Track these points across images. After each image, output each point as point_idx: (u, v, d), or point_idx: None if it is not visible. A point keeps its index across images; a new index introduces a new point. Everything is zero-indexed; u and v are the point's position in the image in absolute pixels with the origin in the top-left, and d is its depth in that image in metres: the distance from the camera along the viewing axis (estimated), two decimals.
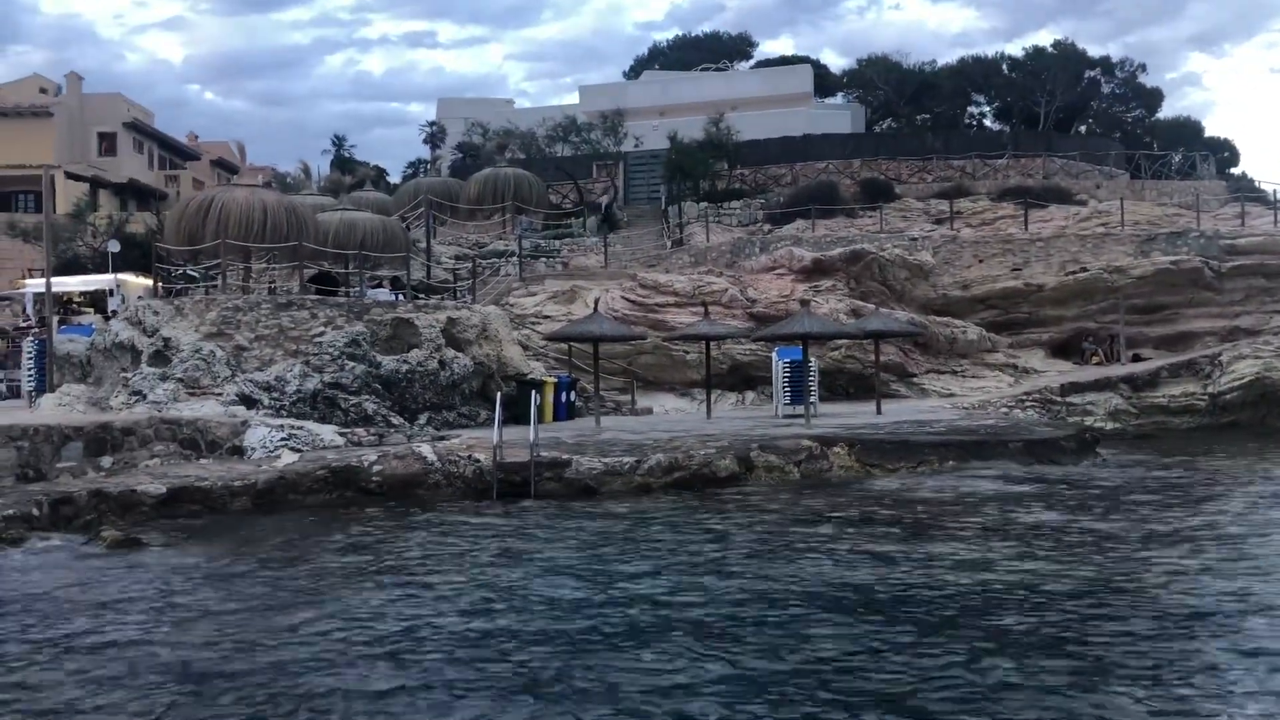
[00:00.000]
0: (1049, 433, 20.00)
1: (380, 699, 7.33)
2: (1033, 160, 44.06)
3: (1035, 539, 12.35)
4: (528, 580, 10.78)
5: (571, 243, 37.05)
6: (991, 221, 36.11)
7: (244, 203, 23.37)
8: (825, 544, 12.20)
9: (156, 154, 61.10)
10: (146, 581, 10.78)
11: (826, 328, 23.33)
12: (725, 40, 67.52)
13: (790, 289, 28.68)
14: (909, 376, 28.55)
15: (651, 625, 9.03)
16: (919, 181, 42.69)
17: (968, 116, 56.99)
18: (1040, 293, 30.72)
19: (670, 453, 17.20)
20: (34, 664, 8.16)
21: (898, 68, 55.03)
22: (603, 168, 46.08)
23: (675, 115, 48.23)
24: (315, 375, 20.30)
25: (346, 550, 12.41)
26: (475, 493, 16.22)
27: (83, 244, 41.72)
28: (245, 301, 21.84)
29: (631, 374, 27.18)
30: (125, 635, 8.90)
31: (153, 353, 20.93)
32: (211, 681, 7.72)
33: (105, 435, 16.22)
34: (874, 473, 17.44)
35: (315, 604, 9.87)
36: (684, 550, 12.08)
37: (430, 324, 22.48)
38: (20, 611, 9.64)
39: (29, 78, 60.34)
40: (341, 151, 56.17)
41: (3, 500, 13.02)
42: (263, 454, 17.16)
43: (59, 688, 7.60)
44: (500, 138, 45.70)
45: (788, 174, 44.09)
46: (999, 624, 8.88)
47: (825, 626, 8.88)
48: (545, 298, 29.74)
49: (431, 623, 9.20)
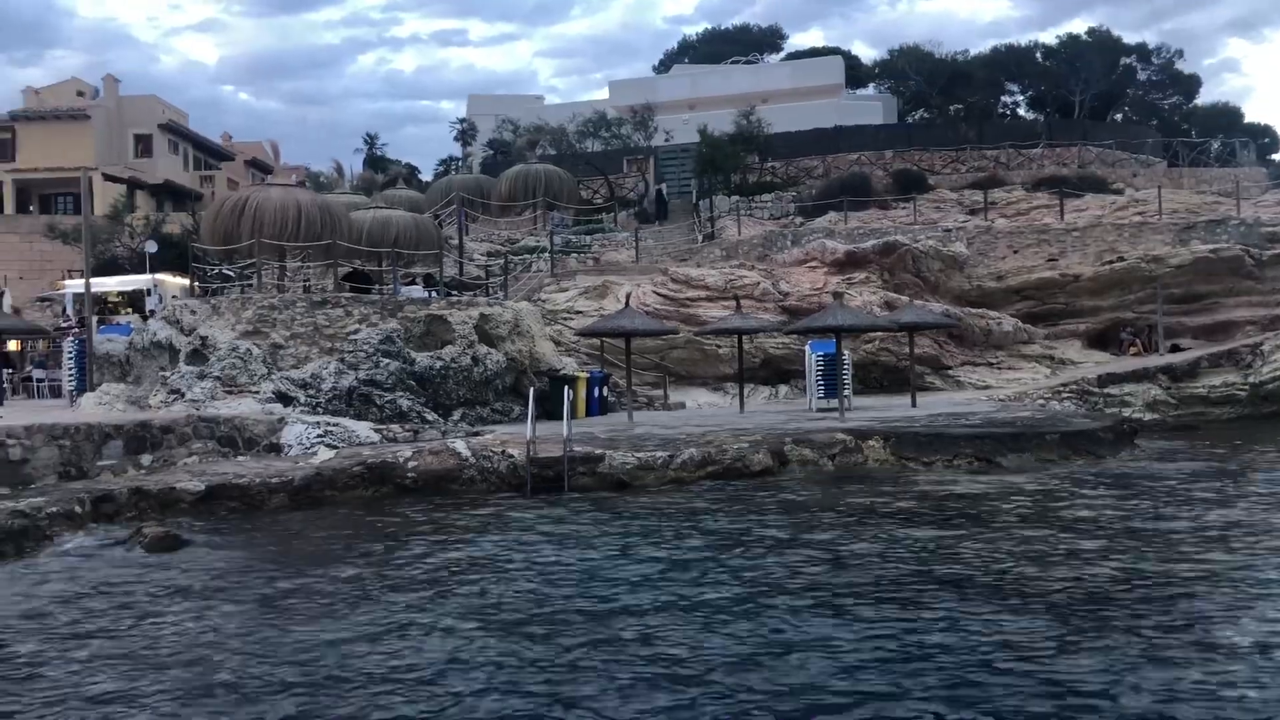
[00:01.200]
0: (1086, 424, 19.77)
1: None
2: (1068, 149, 43.58)
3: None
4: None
5: (603, 238, 37.09)
6: (1026, 212, 35.76)
7: (278, 202, 23.55)
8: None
9: (192, 155, 61.68)
10: (211, 577, 10.90)
11: (860, 320, 23.19)
12: (755, 33, 67.34)
13: (823, 282, 28.56)
14: (944, 369, 28.35)
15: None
16: (952, 172, 42.35)
17: (1001, 106, 56.52)
18: (1076, 283, 30.40)
19: (703, 447, 17.18)
20: (81, 661, 8.24)
21: (930, 58, 54.63)
22: (633, 162, 46.07)
23: (705, 109, 48.10)
24: (350, 372, 20.45)
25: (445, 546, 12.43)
26: (509, 488, 16.27)
27: (120, 245, 42.18)
28: (281, 300, 22.03)
29: (664, 368, 27.17)
30: (194, 631, 8.99)
31: (190, 351, 21.16)
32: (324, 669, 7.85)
33: (145, 433, 16.40)
34: (909, 466, 17.32)
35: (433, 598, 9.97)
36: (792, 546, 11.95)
37: (463, 320, 22.57)
38: (68, 607, 9.76)
39: (67, 81, 61.08)
40: (374, 150, 56.52)
41: (46, 498, 13.19)
42: (299, 451, 17.31)
43: (97, 683, 7.69)
44: (531, 134, 45.78)
45: (819, 166, 43.87)
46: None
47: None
48: (577, 293, 29.78)
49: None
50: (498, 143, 50.45)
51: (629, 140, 45.12)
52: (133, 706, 7.20)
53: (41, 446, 14.58)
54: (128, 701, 7.28)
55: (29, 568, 11.42)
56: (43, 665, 8.09)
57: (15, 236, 49.89)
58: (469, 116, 56.92)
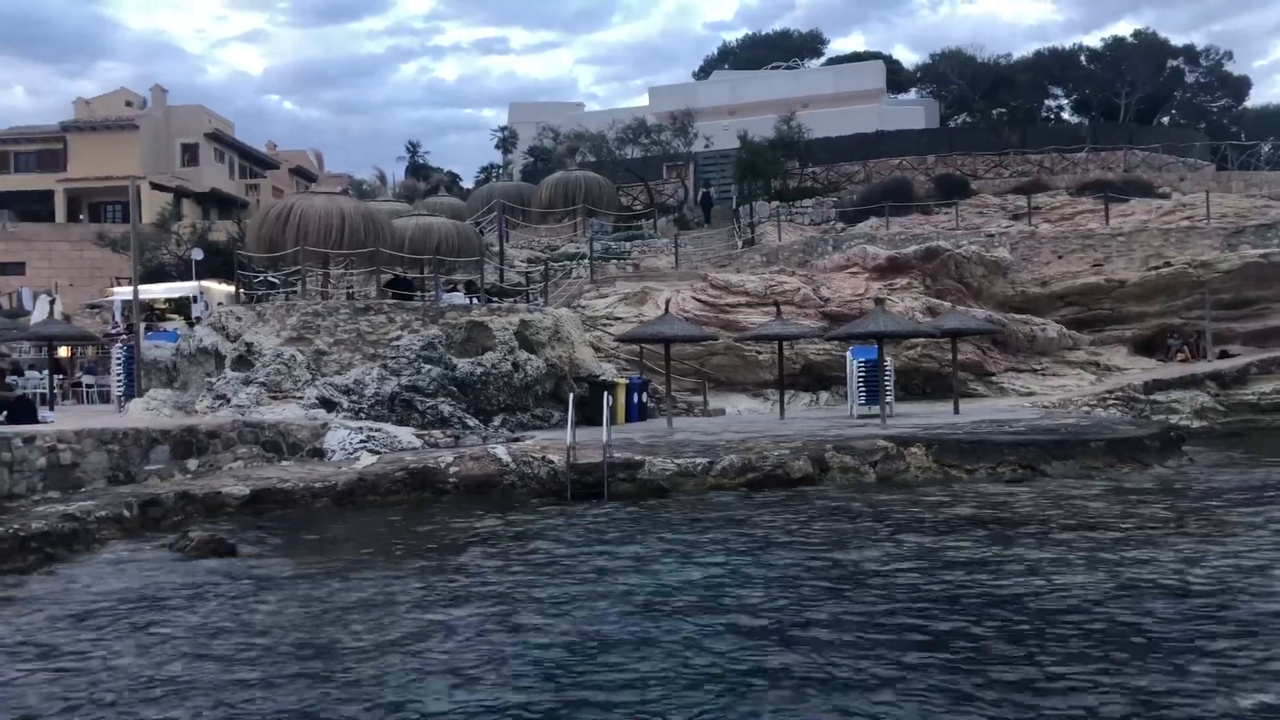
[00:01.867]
0: (1132, 431, 19.49)
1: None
2: (1113, 153, 43.08)
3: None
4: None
5: (642, 244, 37.13)
6: (1070, 216, 35.36)
7: (322, 210, 23.81)
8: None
9: (237, 163, 62.55)
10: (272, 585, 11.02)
11: (902, 326, 23.03)
12: (795, 38, 67.24)
13: (864, 288, 28.40)
14: (987, 375, 28.09)
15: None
16: (995, 177, 41.99)
17: (1045, 110, 56.00)
18: (1122, 288, 30.01)
19: (743, 454, 17.12)
20: (146, 664, 8.35)
21: (972, 62, 54.25)
22: (673, 169, 46.12)
23: (745, 114, 48.09)
24: (393, 378, 20.61)
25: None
26: (549, 494, 16.31)
27: (167, 252, 42.85)
28: (324, 307, 22.26)
29: (703, 375, 27.13)
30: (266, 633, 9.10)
31: (236, 358, 21.43)
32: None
33: (191, 438, 16.62)
34: (952, 474, 17.17)
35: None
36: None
37: (504, 327, 22.69)
38: (126, 610, 9.90)
39: (116, 92, 62.21)
40: (416, 158, 56.99)
41: (95, 502, 13.40)
42: (342, 456, 17.47)
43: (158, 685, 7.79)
44: (571, 141, 46.00)
45: (860, 171, 43.69)
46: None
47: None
48: (616, 299, 29.83)
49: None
50: (538, 150, 50.71)
51: (669, 146, 45.18)
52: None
53: (91, 451, 14.80)
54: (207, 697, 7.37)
55: (78, 570, 11.59)
56: (97, 663, 8.20)
57: (66, 244, 50.90)
58: (510, 124, 57.25)
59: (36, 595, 10.47)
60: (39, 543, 11.85)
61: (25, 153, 57.57)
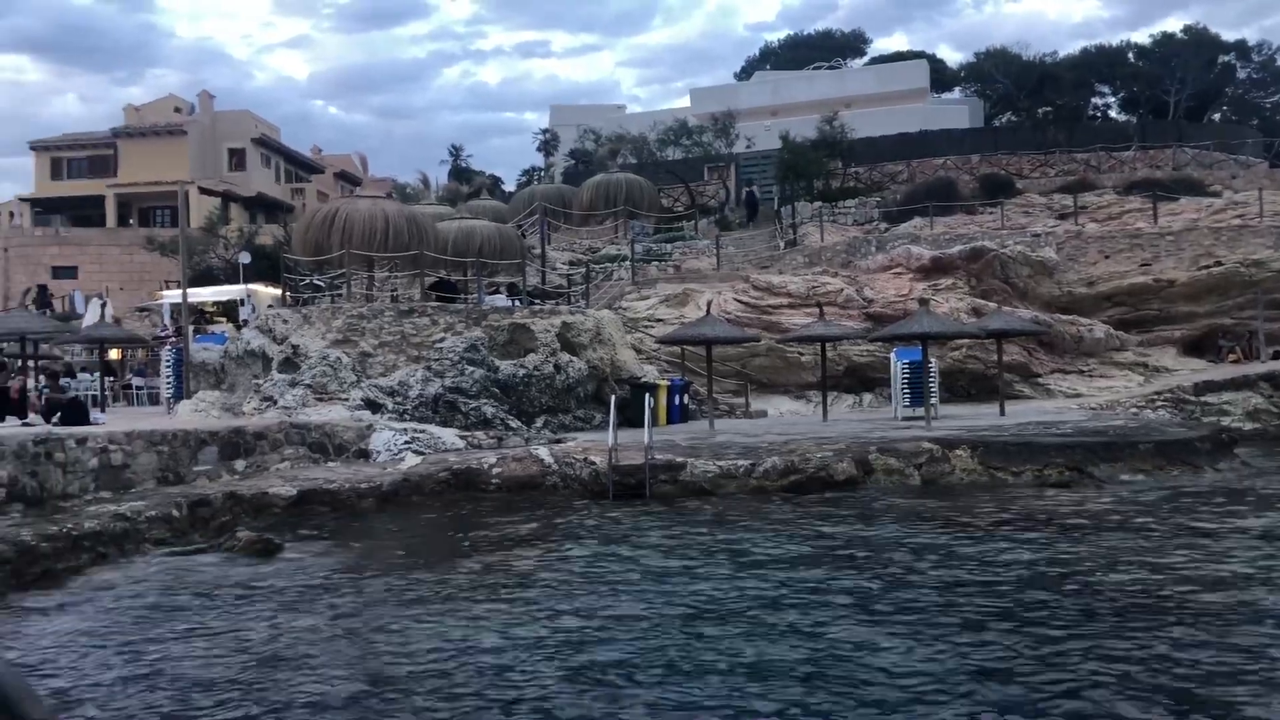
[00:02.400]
0: (1182, 433, 19.18)
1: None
2: (1162, 151, 42.41)
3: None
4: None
5: (683, 246, 37.11)
6: (1118, 216, 34.87)
7: (367, 213, 24.03)
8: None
9: (283, 168, 63.31)
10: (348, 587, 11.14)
11: (947, 327, 22.82)
12: (838, 38, 66.90)
13: (908, 288, 28.18)
14: (1033, 377, 27.77)
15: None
16: (1041, 176, 41.51)
17: (1091, 108, 55.28)
18: (1171, 288, 29.54)
19: (786, 455, 17.05)
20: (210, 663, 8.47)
21: (1017, 60, 53.66)
22: (714, 170, 46.05)
23: (787, 115, 47.90)
24: (436, 380, 20.75)
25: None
26: (591, 495, 16.34)
27: (215, 256, 43.46)
28: (369, 309, 22.47)
29: (745, 376, 27.06)
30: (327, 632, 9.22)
31: (282, 360, 21.68)
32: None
33: (239, 439, 16.83)
34: (998, 476, 16.99)
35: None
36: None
37: (545, 329, 22.77)
38: (172, 606, 10.05)
39: (165, 98, 63.20)
40: (458, 161, 57.43)
41: (145, 502, 13.61)
42: (387, 457, 17.61)
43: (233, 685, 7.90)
44: (612, 143, 46.04)
45: (904, 171, 43.38)
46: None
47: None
48: (658, 301, 29.83)
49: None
50: (579, 152, 50.84)
51: (710, 148, 45.12)
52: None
53: (141, 452, 15.03)
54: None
55: (130, 570, 11.77)
56: (145, 661, 8.33)
57: (117, 249, 51.78)
58: (551, 127, 57.47)
59: (96, 589, 10.66)
60: (91, 542, 12.06)
61: (77, 159, 58.65)
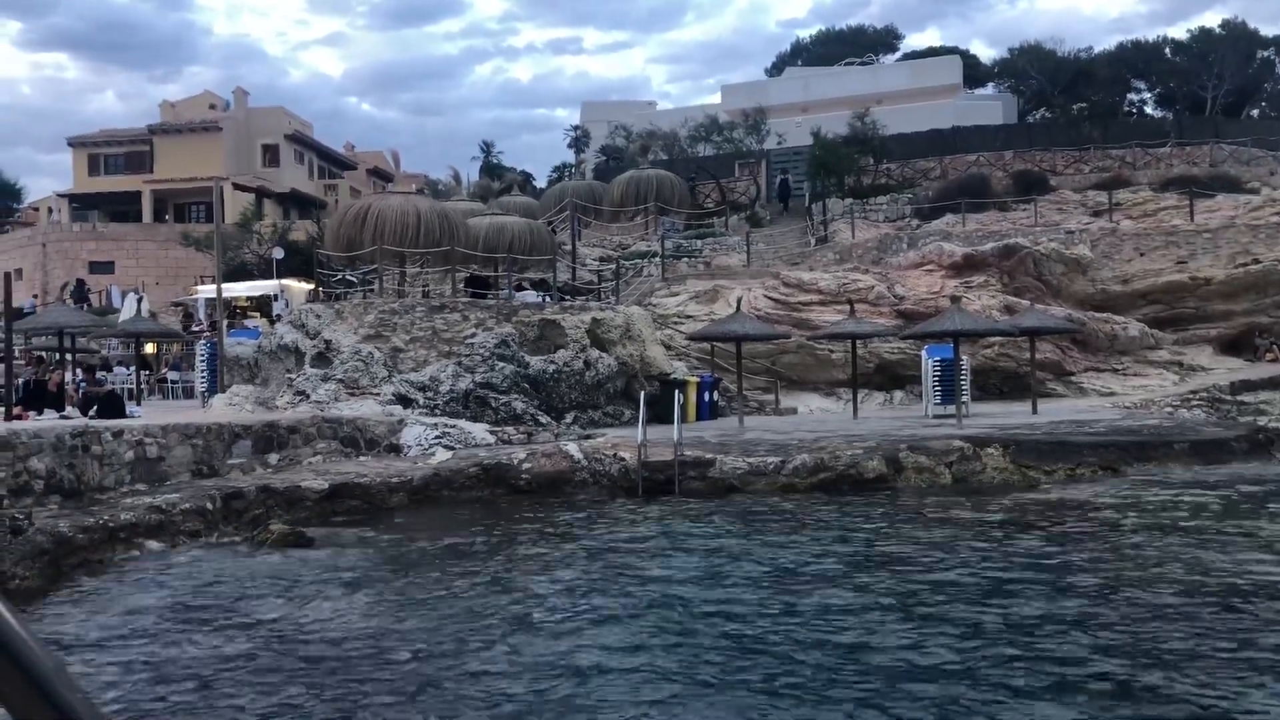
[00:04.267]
0: (1218, 433, 18.98)
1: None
2: (1198, 148, 41.83)
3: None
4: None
5: (714, 242, 37.06)
6: (1153, 213, 34.47)
7: (399, 209, 24.18)
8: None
9: (316, 164, 63.70)
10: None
11: (978, 325, 22.68)
12: (870, 34, 66.46)
13: (939, 285, 28.02)
14: (1066, 375, 27.54)
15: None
16: (1075, 173, 41.09)
17: (1127, 104, 54.64)
18: (1208, 286, 29.19)
19: (816, 453, 17.00)
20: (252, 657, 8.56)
21: (1051, 56, 53.14)
22: (744, 166, 45.94)
23: (819, 111, 47.67)
24: (467, 375, 20.85)
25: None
26: (620, 491, 16.37)
27: (249, 252, 43.83)
28: (401, 305, 22.62)
29: (775, 373, 27.00)
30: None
31: (315, 354, 21.87)
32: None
33: (272, 433, 16.99)
34: (1030, 475, 16.87)
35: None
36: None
37: (576, 325, 22.83)
38: (208, 599, 10.18)
39: (200, 94, 63.75)
40: (490, 157, 57.60)
41: (180, 494, 13.77)
42: (418, 451, 17.72)
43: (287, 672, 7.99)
44: (643, 139, 46.01)
45: (936, 168, 43.06)
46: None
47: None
48: (688, 297, 29.82)
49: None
50: (610, 148, 50.85)
51: (740, 144, 44.99)
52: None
53: (176, 445, 15.21)
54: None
55: (164, 560, 11.93)
56: (180, 655, 8.45)
57: (153, 244, 52.33)
58: (582, 123, 57.49)
59: (133, 579, 10.81)
60: (127, 533, 12.23)
61: (114, 155, 59.29)
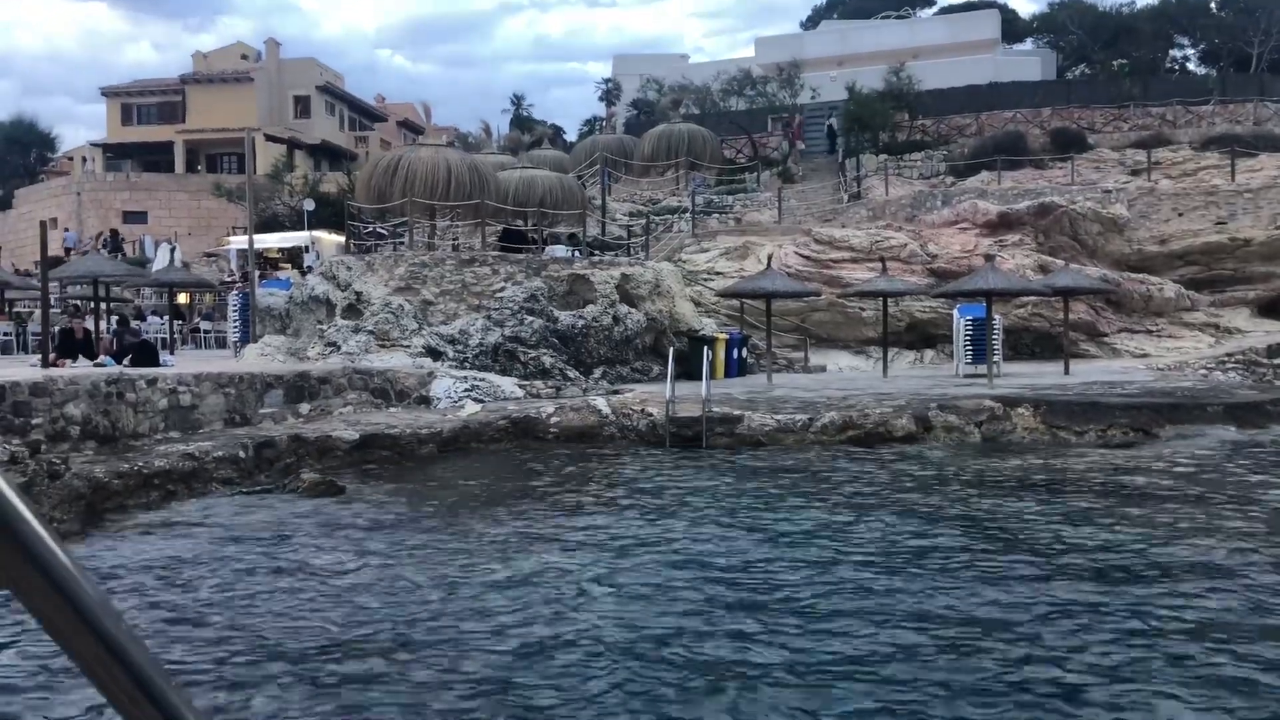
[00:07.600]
0: (1254, 396, 18.74)
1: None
2: (1242, 105, 41.01)
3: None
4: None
5: (745, 198, 36.81)
6: (1193, 172, 33.87)
7: (429, 162, 24.14)
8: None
9: (347, 115, 63.70)
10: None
11: (1012, 284, 22.44)
12: None
13: (973, 244, 27.73)
14: (1099, 336, 27.26)
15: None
16: (1114, 131, 40.43)
17: (1169, 61, 53.59)
18: (1247, 247, 28.72)
19: (844, 411, 16.96)
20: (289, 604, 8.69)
21: (1092, 10, 52.17)
22: (777, 121, 45.51)
23: (854, 65, 47.13)
24: (496, 329, 20.91)
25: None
26: (647, 445, 16.41)
27: (280, 203, 44.00)
28: (431, 258, 22.64)
29: (805, 331, 26.89)
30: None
31: (345, 306, 21.97)
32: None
33: (303, 383, 17.13)
34: (1060, 435, 16.76)
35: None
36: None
37: (605, 280, 22.79)
38: (242, 545, 10.32)
39: (232, 45, 63.75)
40: (520, 111, 57.38)
41: (213, 443, 13.94)
42: (448, 404, 17.83)
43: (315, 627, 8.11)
44: (675, 94, 45.65)
45: (972, 124, 42.48)
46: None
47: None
48: (718, 254, 29.67)
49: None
50: (641, 102, 50.50)
51: (774, 99, 44.53)
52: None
53: (209, 394, 15.37)
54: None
55: (198, 506, 12.10)
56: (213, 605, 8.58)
57: (185, 194, 52.65)
58: (614, 76, 57.10)
59: (168, 524, 10.98)
60: (161, 480, 12.40)
61: (147, 105, 59.52)
